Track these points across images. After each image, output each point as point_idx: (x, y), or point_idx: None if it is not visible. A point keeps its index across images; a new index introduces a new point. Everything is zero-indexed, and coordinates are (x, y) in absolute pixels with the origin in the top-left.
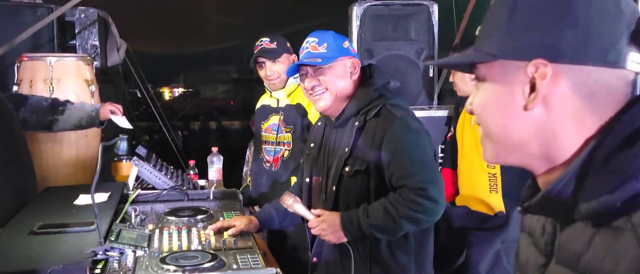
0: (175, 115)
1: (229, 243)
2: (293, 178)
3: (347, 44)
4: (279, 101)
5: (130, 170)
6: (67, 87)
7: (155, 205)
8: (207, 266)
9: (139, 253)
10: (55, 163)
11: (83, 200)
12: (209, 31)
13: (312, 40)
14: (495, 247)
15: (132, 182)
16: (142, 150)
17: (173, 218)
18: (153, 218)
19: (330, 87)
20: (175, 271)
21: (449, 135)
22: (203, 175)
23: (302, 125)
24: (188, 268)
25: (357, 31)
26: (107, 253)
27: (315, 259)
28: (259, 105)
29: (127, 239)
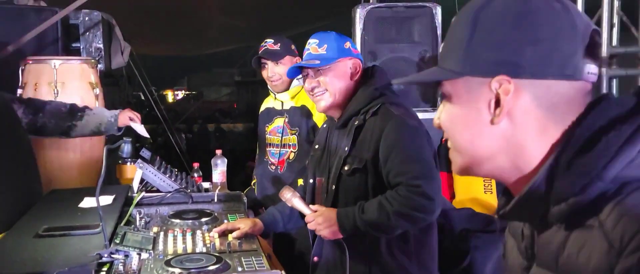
0: (179, 117)
1: (234, 246)
2: (299, 181)
3: (348, 44)
4: (284, 103)
5: (135, 172)
6: (71, 90)
7: (160, 207)
8: (211, 268)
9: (144, 256)
10: (60, 166)
11: (88, 202)
12: (213, 34)
13: (313, 41)
14: (500, 249)
15: (136, 185)
16: (146, 152)
17: (177, 221)
18: (158, 221)
19: (330, 88)
20: (180, 273)
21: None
22: (207, 177)
23: (307, 126)
24: (193, 271)
25: (360, 33)
26: (112, 256)
27: (317, 259)
28: (263, 107)
29: (132, 242)
